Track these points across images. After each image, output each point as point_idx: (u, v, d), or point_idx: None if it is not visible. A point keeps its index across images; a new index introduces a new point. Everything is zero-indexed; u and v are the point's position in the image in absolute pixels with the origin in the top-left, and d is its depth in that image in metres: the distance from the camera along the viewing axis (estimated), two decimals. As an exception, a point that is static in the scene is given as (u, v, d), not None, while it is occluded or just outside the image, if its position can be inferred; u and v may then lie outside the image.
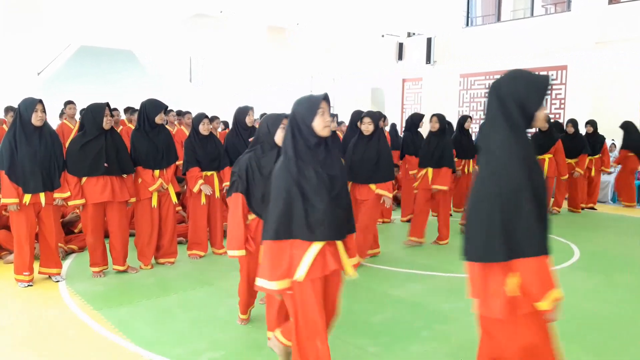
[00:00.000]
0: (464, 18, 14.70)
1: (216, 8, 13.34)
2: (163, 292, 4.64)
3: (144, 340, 3.57)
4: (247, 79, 14.77)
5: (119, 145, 4.94)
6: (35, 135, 4.56)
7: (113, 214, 4.95)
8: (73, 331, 3.76)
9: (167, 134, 5.37)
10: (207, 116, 5.75)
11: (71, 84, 12.17)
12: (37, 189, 4.56)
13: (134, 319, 3.97)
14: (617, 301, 4.42)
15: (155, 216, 5.29)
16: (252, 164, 3.31)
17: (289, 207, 2.42)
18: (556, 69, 12.67)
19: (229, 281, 4.94)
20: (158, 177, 5.21)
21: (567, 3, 12.46)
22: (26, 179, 4.52)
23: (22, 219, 4.62)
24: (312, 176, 2.44)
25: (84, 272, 5.08)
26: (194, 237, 5.78)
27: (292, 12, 13.89)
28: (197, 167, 5.62)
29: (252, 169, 3.30)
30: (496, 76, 12.28)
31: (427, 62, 15.34)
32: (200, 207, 5.71)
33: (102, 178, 4.81)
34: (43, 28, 12.12)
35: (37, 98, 4.62)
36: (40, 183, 4.56)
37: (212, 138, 5.76)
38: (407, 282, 4.85)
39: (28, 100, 4.61)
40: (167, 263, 5.46)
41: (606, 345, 3.59)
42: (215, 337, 3.65)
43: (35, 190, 4.56)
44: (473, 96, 14.52)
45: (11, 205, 4.53)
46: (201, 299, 4.45)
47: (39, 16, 12.04)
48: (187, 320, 3.95)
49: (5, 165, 4.49)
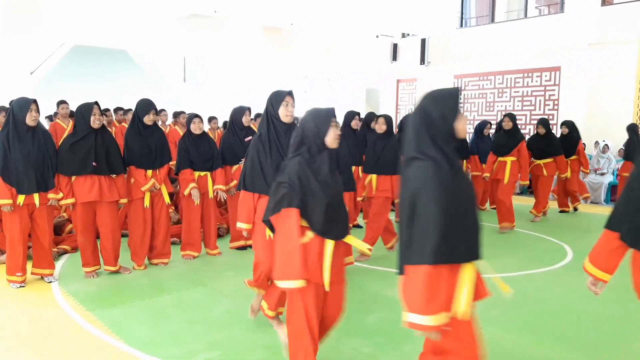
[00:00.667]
0: (458, 19, 14.74)
1: (211, 8, 13.31)
2: (157, 292, 4.62)
3: (138, 340, 3.56)
4: (242, 79, 14.74)
5: (109, 145, 4.91)
6: (29, 135, 4.53)
7: (103, 214, 4.92)
8: (67, 332, 3.74)
9: (161, 134, 5.36)
10: (197, 115, 5.74)
11: (65, 83, 12.10)
12: (31, 190, 4.53)
13: (128, 320, 3.96)
14: (611, 301, 4.43)
15: (147, 216, 5.27)
16: (304, 171, 2.65)
17: (450, 225, 2.05)
18: (550, 70, 12.72)
19: (223, 281, 4.94)
20: (151, 177, 5.19)
21: (560, 4, 12.52)
22: (20, 180, 4.48)
23: (16, 220, 4.59)
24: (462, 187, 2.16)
25: (76, 273, 5.06)
26: (187, 238, 5.77)
27: (287, 13, 13.89)
28: (189, 170, 5.61)
29: (306, 176, 2.64)
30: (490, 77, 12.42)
31: (421, 63, 15.37)
32: (194, 208, 5.69)
33: (89, 177, 4.78)
34: (36, 27, 12.06)
35: (31, 98, 4.59)
36: (34, 184, 4.53)
37: (206, 138, 5.75)
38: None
39: (22, 100, 4.57)
40: (160, 264, 5.44)
41: (600, 345, 3.61)
42: (210, 337, 3.64)
43: (29, 191, 4.53)
44: (467, 97, 14.55)
45: (5, 207, 4.49)
46: (195, 300, 4.44)
47: (32, 15, 11.98)
48: (182, 321, 3.94)
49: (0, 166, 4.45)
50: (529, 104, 13.24)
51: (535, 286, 4.83)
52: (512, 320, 3.99)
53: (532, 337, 3.72)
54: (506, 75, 13.64)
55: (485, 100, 14.10)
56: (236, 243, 6.11)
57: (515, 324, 3.93)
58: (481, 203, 9.02)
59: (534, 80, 13.01)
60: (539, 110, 13.03)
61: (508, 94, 13.69)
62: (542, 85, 12.95)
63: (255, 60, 15.19)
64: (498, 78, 13.86)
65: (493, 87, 13.97)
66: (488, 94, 14.04)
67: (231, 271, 5.29)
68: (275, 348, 3.45)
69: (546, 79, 12.83)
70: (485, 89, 14.13)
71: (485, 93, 14.08)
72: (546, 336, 3.70)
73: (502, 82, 13.76)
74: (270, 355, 3.38)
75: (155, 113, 5.24)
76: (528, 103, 13.27)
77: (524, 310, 4.19)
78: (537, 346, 3.56)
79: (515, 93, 13.51)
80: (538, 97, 13.05)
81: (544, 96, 12.92)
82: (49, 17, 12.28)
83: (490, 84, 14.05)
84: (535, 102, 13.12)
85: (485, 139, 8.87)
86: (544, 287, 4.85)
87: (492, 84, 13.99)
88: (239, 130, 5.96)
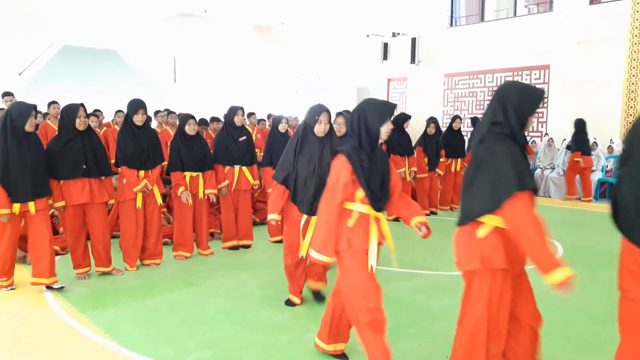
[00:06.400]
0: (448, 18, 14.81)
1: (201, 7, 13.26)
2: (149, 293, 4.61)
3: (131, 341, 3.55)
4: (233, 78, 14.70)
5: (97, 147, 4.86)
6: (25, 141, 4.41)
7: (93, 215, 4.88)
8: (59, 334, 3.71)
9: (153, 135, 5.33)
10: (192, 117, 5.73)
11: (54, 84, 12.00)
12: (27, 198, 4.39)
13: (120, 321, 3.94)
14: (601, 296, 4.49)
15: (140, 217, 5.24)
16: None
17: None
18: (539, 69, 12.81)
19: (215, 281, 4.93)
20: (143, 178, 5.17)
21: (549, 3, 12.62)
22: (16, 188, 4.34)
23: (7, 227, 4.47)
24: None
25: (67, 274, 5.02)
26: (179, 238, 5.75)
27: (278, 12, 13.87)
28: (180, 172, 5.60)
29: None
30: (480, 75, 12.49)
31: (411, 62, 15.42)
32: (186, 208, 5.67)
33: (80, 180, 4.73)
34: (24, 27, 11.96)
35: (31, 104, 4.48)
36: (30, 191, 4.39)
37: (198, 139, 5.74)
38: (394, 280, 4.89)
39: (22, 106, 4.44)
40: (152, 264, 5.42)
41: (591, 339, 3.65)
42: (203, 337, 3.64)
43: (24, 200, 4.39)
44: (457, 95, 14.62)
45: (3, 217, 4.36)
46: (188, 300, 4.43)
47: (20, 15, 11.87)
48: (174, 321, 3.93)
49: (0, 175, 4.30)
50: (519, 102, 13.31)
51: (527, 283, 4.86)
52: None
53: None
54: (496, 74, 13.72)
55: (476, 99, 14.18)
56: (228, 243, 6.10)
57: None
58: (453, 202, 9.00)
59: (524, 79, 13.10)
60: (528, 108, 13.11)
61: (498, 93, 13.75)
62: (531, 84, 13.03)
63: (246, 60, 15.15)
64: (488, 76, 13.94)
65: (483, 85, 14.05)
66: (478, 92, 14.12)
67: (223, 271, 5.29)
68: (268, 347, 3.46)
69: (535, 77, 12.93)
70: (475, 87, 14.21)
71: (475, 92, 14.16)
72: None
73: (492, 81, 13.85)
74: (262, 354, 3.38)
75: (145, 113, 5.16)
76: (518, 101, 13.34)
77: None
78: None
79: (505, 91, 13.59)
80: (528, 95, 13.12)
81: (534, 94, 12.98)
82: (37, 17, 12.16)
83: (480, 82, 14.13)
84: (525, 100, 13.18)
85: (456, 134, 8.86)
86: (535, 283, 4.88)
87: (482, 83, 14.07)
88: (232, 130, 5.96)
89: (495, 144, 2.39)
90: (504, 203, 2.31)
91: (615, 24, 11.02)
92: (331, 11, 13.79)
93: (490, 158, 2.38)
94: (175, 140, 5.70)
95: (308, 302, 4.32)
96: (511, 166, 2.32)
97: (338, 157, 2.85)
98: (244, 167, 6.00)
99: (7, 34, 11.67)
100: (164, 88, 14.17)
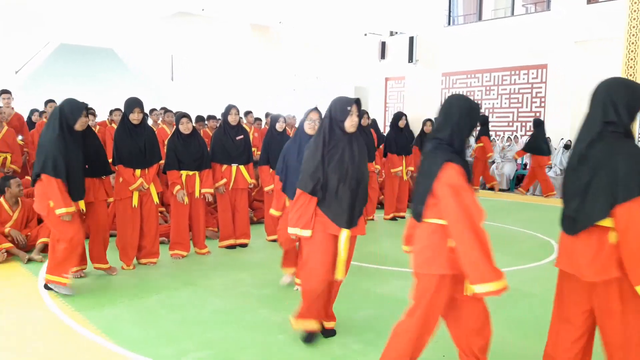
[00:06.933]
0: (445, 17, 14.82)
1: (199, 6, 13.24)
2: (146, 292, 4.60)
3: (128, 340, 3.54)
4: (231, 77, 14.69)
5: (98, 146, 4.85)
6: (79, 140, 4.46)
7: (94, 213, 4.87)
8: (55, 333, 3.71)
9: (151, 133, 5.31)
10: (185, 115, 5.72)
11: (51, 82, 11.97)
12: (81, 196, 4.49)
13: (117, 320, 3.93)
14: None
15: (136, 216, 5.23)
16: None
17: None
18: (536, 68, 12.83)
19: (212, 280, 4.92)
20: (139, 177, 5.16)
21: (547, 2, 12.63)
22: (74, 187, 4.39)
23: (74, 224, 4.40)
24: None
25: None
26: (176, 237, 5.74)
27: (276, 11, 13.85)
28: (177, 171, 5.59)
29: None
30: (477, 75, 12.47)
31: (409, 61, 15.43)
32: (183, 207, 5.67)
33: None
34: (21, 25, 11.92)
35: (82, 102, 4.46)
36: (83, 189, 4.52)
37: (195, 137, 5.73)
38: (391, 279, 4.88)
39: (74, 103, 4.39)
40: (149, 263, 5.41)
41: None
42: (201, 336, 3.63)
43: (80, 197, 4.47)
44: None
45: (67, 215, 4.28)
46: (185, 299, 4.43)
47: (16, 14, 11.83)
48: (172, 321, 3.93)
49: (62, 173, 4.27)
50: (516, 101, 13.35)
51: (522, 282, 4.88)
52: (499, 315, 4.02)
53: (519, 332, 3.76)
54: (493, 73, 13.74)
55: (473, 98, 14.17)
56: (225, 242, 6.10)
57: (502, 319, 3.96)
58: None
59: (521, 78, 13.12)
60: (526, 107, 13.15)
61: (495, 92, 13.79)
62: (529, 83, 13.06)
63: (244, 59, 15.14)
64: (485, 76, 13.95)
65: (480, 84, 14.07)
66: (476, 91, 14.13)
67: (220, 270, 5.28)
68: (266, 346, 3.46)
69: (533, 77, 12.95)
70: (472, 86, 14.22)
71: (472, 91, 14.17)
72: (533, 331, 3.74)
73: (490, 80, 13.86)
74: (261, 353, 3.38)
75: (141, 111, 5.14)
76: (515, 100, 13.37)
77: (511, 306, 4.23)
78: (524, 341, 3.60)
79: (503, 90, 13.62)
80: (525, 94, 13.16)
81: (531, 93, 13.03)
82: (34, 15, 12.13)
83: (477, 81, 14.14)
84: (522, 100, 13.23)
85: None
86: (531, 283, 4.91)
87: (480, 82, 14.08)
88: (229, 128, 5.96)
89: (613, 145, 2.32)
90: (621, 205, 2.22)
91: (612, 23, 11.03)
92: (329, 10, 13.79)
93: (609, 159, 2.29)
94: (173, 138, 5.69)
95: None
96: (635, 167, 2.24)
97: (449, 167, 2.57)
98: (241, 166, 6.00)
99: (4, 32, 11.63)
100: (161, 87, 14.15)
